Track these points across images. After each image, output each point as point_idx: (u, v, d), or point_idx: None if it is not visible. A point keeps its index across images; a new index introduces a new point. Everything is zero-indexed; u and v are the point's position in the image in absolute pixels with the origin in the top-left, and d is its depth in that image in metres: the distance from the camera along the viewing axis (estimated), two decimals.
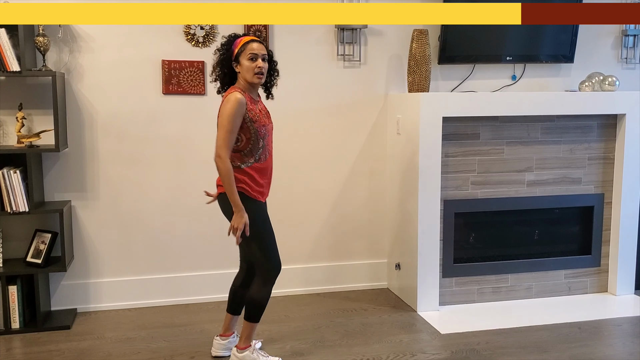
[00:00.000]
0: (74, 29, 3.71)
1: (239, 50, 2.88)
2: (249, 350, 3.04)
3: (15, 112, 3.60)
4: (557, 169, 4.06)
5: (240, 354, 3.04)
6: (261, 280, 3.00)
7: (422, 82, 3.93)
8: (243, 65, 2.87)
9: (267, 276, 2.99)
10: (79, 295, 3.88)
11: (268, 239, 2.98)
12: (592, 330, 3.58)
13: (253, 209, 2.91)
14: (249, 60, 2.86)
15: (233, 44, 2.91)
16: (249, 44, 2.87)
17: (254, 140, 2.88)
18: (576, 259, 4.16)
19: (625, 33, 4.41)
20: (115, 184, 3.87)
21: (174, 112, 3.90)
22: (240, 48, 2.87)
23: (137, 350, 3.31)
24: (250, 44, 2.87)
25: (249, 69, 2.86)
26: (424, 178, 3.75)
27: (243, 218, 2.84)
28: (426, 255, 3.82)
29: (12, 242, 3.73)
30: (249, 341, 3.05)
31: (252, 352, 3.03)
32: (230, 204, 2.86)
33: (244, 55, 2.86)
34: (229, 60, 2.91)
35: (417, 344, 3.37)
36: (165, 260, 4.00)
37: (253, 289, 3.02)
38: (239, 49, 2.88)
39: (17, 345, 3.39)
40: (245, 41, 2.88)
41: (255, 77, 2.87)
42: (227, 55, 2.92)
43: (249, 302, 3.02)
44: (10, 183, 3.44)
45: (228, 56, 2.91)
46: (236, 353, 3.05)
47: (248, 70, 2.86)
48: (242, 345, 3.05)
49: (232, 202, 2.83)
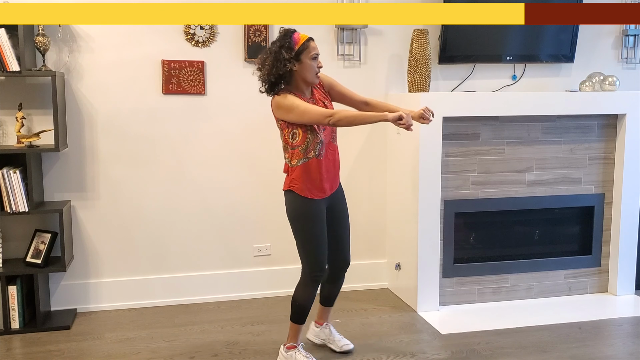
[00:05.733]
0: (74, 29, 3.71)
1: (301, 48, 2.75)
2: (294, 351, 3.05)
3: (15, 112, 3.60)
4: (558, 169, 4.05)
5: (285, 353, 3.08)
6: (301, 280, 3.00)
7: (422, 82, 3.93)
8: (305, 64, 2.77)
9: (306, 277, 2.97)
10: (78, 295, 3.88)
11: (310, 239, 2.90)
12: (593, 330, 3.57)
13: (301, 206, 2.88)
14: (312, 60, 2.78)
15: (292, 39, 2.76)
16: (309, 42, 2.78)
17: (311, 133, 2.81)
18: (576, 259, 4.16)
19: (626, 33, 4.41)
20: (115, 184, 3.86)
21: (174, 112, 3.89)
22: (302, 46, 2.76)
23: (137, 350, 3.31)
24: (311, 43, 2.79)
25: (312, 69, 2.79)
26: (424, 178, 3.75)
27: (396, 113, 2.67)
28: (426, 255, 3.81)
29: (12, 242, 3.72)
30: (293, 341, 3.07)
31: (296, 353, 3.04)
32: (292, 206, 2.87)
33: (307, 54, 2.77)
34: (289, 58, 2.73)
35: (417, 344, 3.37)
36: (165, 260, 4.00)
37: (295, 289, 3.03)
38: (300, 46, 2.75)
39: (17, 345, 3.39)
40: (305, 38, 2.78)
41: (316, 76, 2.83)
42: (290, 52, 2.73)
43: (291, 301, 3.04)
44: (10, 183, 3.44)
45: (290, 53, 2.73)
46: (282, 350, 3.10)
47: (310, 70, 2.79)
48: (288, 344, 3.08)
49: (371, 120, 2.71)
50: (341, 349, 3.22)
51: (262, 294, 4.13)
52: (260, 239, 4.13)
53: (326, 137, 2.91)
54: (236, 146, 4.00)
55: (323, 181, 2.91)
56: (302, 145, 2.84)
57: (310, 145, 2.84)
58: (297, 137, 2.83)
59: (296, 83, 2.85)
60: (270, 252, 4.14)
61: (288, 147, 2.89)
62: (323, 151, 2.88)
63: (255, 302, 4.05)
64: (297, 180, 2.87)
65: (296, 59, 2.76)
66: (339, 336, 3.27)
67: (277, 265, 4.14)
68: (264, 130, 4.00)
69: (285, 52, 2.74)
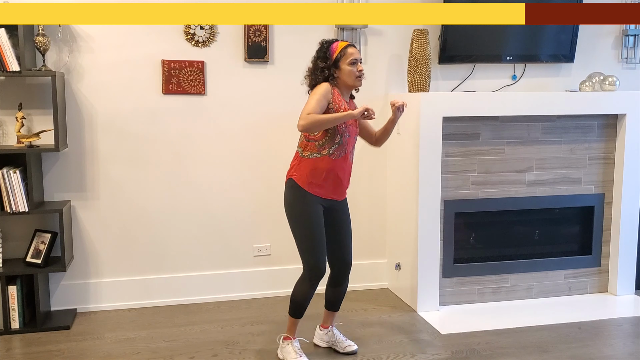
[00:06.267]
0: (74, 29, 3.70)
1: (339, 56, 2.92)
2: (287, 343, 3.14)
3: (15, 112, 3.60)
4: (558, 169, 4.05)
5: (280, 342, 3.19)
6: (301, 276, 3.06)
7: (422, 82, 3.93)
8: (344, 70, 2.92)
9: (304, 273, 3.04)
10: (78, 295, 3.88)
11: (305, 235, 2.98)
12: (593, 330, 3.58)
13: (297, 196, 2.97)
14: (351, 65, 2.91)
15: (330, 49, 2.95)
16: (347, 49, 2.93)
17: (332, 132, 2.92)
18: (576, 259, 4.16)
19: (626, 33, 4.41)
20: (115, 184, 3.86)
21: (174, 112, 3.89)
22: (340, 53, 2.92)
23: (137, 350, 3.31)
24: (349, 49, 2.94)
25: (351, 73, 2.92)
26: (424, 178, 3.75)
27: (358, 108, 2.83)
28: (426, 255, 3.82)
29: (12, 242, 3.72)
30: (290, 333, 3.16)
31: (288, 345, 3.13)
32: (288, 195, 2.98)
33: (344, 61, 2.92)
34: (328, 66, 2.93)
35: (417, 344, 3.37)
36: (165, 260, 4.00)
37: (295, 283, 3.09)
38: (337, 54, 2.92)
39: (17, 345, 3.39)
40: (343, 46, 2.94)
41: (357, 80, 2.95)
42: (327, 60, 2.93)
43: (290, 295, 3.11)
44: (10, 183, 3.44)
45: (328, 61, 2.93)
46: (279, 342, 3.20)
47: (350, 75, 2.92)
48: (285, 335, 3.18)
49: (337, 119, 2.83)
50: (344, 350, 3.24)
51: (262, 294, 4.13)
52: (260, 239, 4.13)
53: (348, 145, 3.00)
54: (236, 146, 4.00)
55: (326, 182, 2.97)
56: (320, 140, 2.94)
57: (327, 143, 2.94)
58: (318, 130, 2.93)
59: (340, 87, 2.98)
60: (270, 252, 4.14)
61: (304, 138, 2.99)
62: (337, 153, 2.96)
63: (255, 302, 4.05)
64: (301, 171, 2.97)
65: (335, 66, 2.92)
66: (342, 337, 3.29)
67: (277, 265, 4.14)
68: (264, 130, 4.01)
69: (320, 61, 2.95)
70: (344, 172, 3.04)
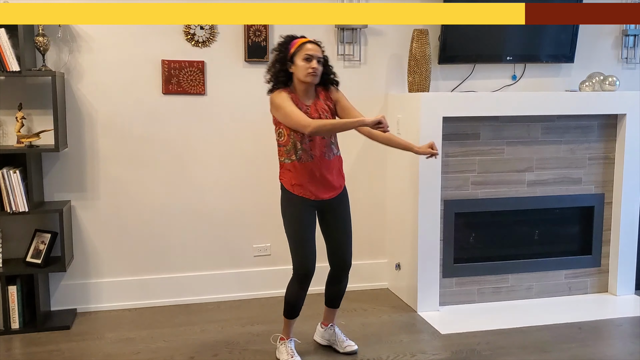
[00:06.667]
0: (74, 29, 3.70)
1: (295, 51, 2.90)
2: (281, 343, 3.17)
3: (15, 112, 3.59)
4: (558, 169, 4.05)
5: (276, 342, 3.23)
6: (292, 276, 3.08)
7: (422, 82, 3.93)
8: (297, 66, 2.89)
9: (294, 273, 3.06)
10: (78, 295, 3.88)
11: (290, 236, 3.02)
12: (593, 330, 3.58)
13: (286, 199, 3.01)
14: (304, 61, 2.89)
15: (290, 44, 2.93)
16: (304, 45, 2.91)
17: (294, 137, 2.92)
18: (576, 259, 4.16)
19: (626, 33, 4.41)
20: (115, 184, 3.86)
21: (174, 112, 3.89)
22: (297, 49, 2.90)
23: (137, 350, 3.31)
24: (306, 45, 2.91)
25: (303, 69, 2.89)
26: (424, 178, 3.75)
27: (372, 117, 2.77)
28: (426, 255, 3.81)
29: (12, 242, 3.72)
30: (284, 334, 3.19)
31: (282, 345, 3.16)
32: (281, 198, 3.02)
33: (299, 56, 2.89)
34: (284, 60, 2.92)
35: (417, 344, 3.37)
36: (165, 260, 4.00)
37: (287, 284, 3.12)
38: (294, 49, 2.91)
39: (17, 345, 3.39)
40: (301, 42, 2.92)
41: (309, 76, 2.89)
42: (283, 55, 2.92)
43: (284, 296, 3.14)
44: (10, 183, 3.44)
45: (284, 56, 2.92)
46: (273, 342, 3.26)
47: (301, 70, 2.89)
48: (280, 335, 3.21)
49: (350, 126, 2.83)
50: (345, 349, 3.24)
51: (262, 294, 4.13)
52: (260, 239, 4.13)
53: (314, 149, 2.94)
54: (236, 146, 4.00)
55: (308, 184, 2.97)
56: (287, 146, 2.96)
57: (292, 149, 2.94)
58: (283, 136, 2.96)
59: (295, 85, 2.97)
60: (270, 252, 4.14)
61: (277, 143, 3.03)
62: (306, 157, 2.94)
63: (255, 302, 4.05)
64: (284, 175, 3.02)
65: (291, 61, 2.92)
66: (343, 337, 3.29)
67: (276, 266, 4.14)
68: (264, 130, 4.00)
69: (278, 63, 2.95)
70: (330, 169, 3.00)
